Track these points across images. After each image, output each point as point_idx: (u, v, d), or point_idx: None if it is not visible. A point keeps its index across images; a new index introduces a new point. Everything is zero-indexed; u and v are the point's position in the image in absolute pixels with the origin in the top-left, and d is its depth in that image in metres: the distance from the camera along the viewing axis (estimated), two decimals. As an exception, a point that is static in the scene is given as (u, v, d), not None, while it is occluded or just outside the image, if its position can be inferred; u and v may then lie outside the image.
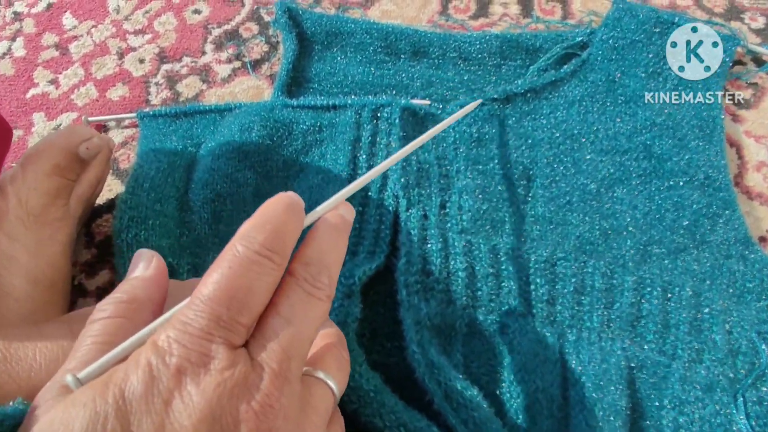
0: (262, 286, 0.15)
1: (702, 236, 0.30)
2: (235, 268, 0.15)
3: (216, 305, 0.15)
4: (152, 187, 0.32)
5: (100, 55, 0.42)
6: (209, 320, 0.14)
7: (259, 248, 0.15)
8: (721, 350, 0.26)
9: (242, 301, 0.15)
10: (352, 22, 0.39)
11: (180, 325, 0.14)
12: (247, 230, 0.16)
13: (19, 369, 0.18)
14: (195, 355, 0.14)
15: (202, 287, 0.15)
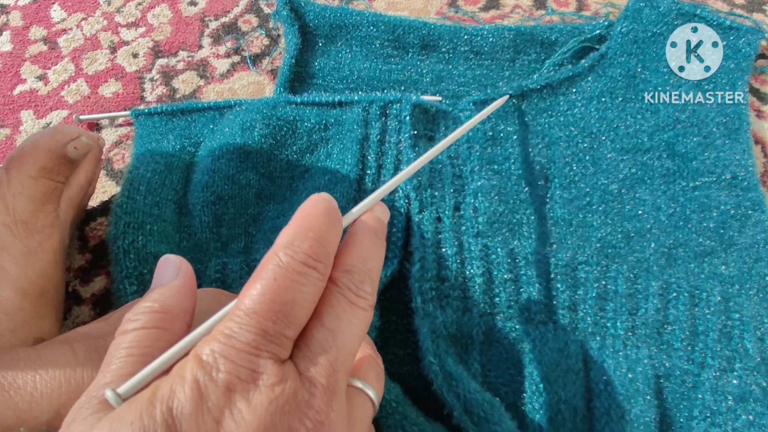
0: (308, 298, 0.15)
1: (730, 238, 0.28)
2: (280, 280, 0.14)
3: (262, 319, 0.14)
4: (149, 190, 0.30)
5: (91, 50, 0.40)
6: (256, 334, 0.14)
7: (305, 258, 0.15)
8: (753, 358, 0.25)
9: (288, 315, 0.14)
10: (358, 14, 0.37)
11: (225, 339, 0.14)
12: (290, 239, 0.15)
13: (18, 399, 0.17)
14: (244, 372, 0.14)
15: (245, 299, 0.14)
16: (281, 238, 0.15)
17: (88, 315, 0.30)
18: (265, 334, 0.14)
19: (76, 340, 0.19)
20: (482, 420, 0.23)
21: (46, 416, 0.17)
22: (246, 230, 0.31)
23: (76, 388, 0.17)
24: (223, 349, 0.14)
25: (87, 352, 0.18)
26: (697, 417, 0.24)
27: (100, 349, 0.19)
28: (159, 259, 0.28)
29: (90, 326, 0.21)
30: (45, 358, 0.18)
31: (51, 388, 0.17)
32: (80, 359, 0.18)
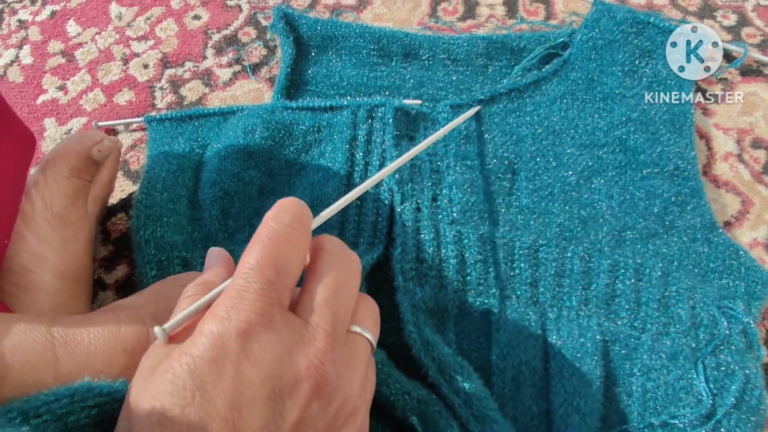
0: (298, 253, 0.18)
1: (671, 222, 0.33)
2: (274, 239, 0.17)
3: (265, 270, 0.17)
4: (165, 187, 0.34)
5: (106, 61, 0.44)
6: (261, 283, 0.16)
7: (290, 222, 0.18)
8: (685, 323, 0.29)
9: (285, 266, 0.17)
10: (346, 26, 0.41)
11: (235, 293, 0.16)
12: (275, 213, 0.19)
13: (78, 351, 0.21)
14: (254, 317, 0.16)
15: (247, 258, 0.17)
16: (268, 214, 0.19)
17: (112, 299, 0.34)
18: (269, 283, 0.16)
19: (117, 308, 0.23)
20: (453, 378, 0.27)
21: (99, 365, 0.21)
22: (250, 222, 0.35)
23: (122, 344, 0.22)
24: (234, 301, 0.16)
25: (127, 318, 0.22)
26: (636, 374, 0.28)
27: (137, 316, 0.23)
28: (174, 247, 0.32)
29: (127, 299, 0.25)
30: (96, 321, 0.22)
31: (102, 343, 0.21)
32: (122, 322, 0.22)
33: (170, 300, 0.24)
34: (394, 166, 0.26)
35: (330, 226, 0.33)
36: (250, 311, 0.16)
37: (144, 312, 0.23)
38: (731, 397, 0.26)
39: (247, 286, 0.17)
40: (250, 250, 0.18)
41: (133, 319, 0.22)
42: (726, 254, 0.31)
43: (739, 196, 0.36)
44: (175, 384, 0.15)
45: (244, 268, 0.17)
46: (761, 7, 0.43)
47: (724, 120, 0.38)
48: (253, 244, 0.18)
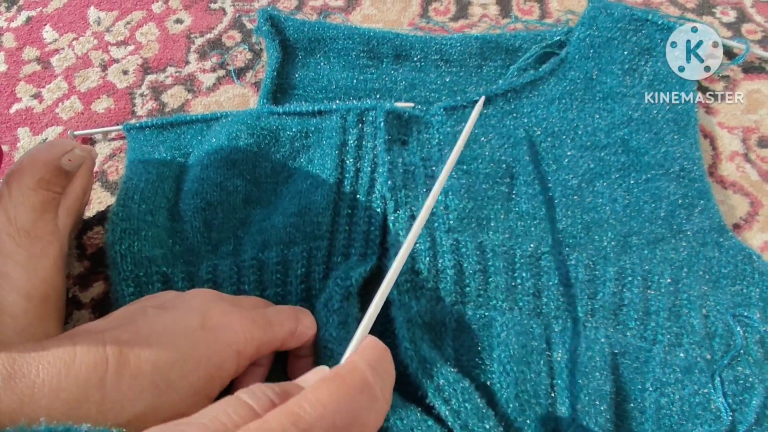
0: (377, 424, 0.16)
1: (679, 226, 0.31)
2: (366, 393, 0.16)
3: (335, 424, 0.15)
4: (143, 198, 0.32)
5: (83, 68, 0.42)
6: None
7: (385, 385, 0.17)
8: (699, 333, 0.27)
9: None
10: (334, 27, 0.40)
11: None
12: (373, 358, 0.18)
13: (22, 385, 0.18)
14: None
15: (320, 392, 0.15)
16: (361, 351, 0.18)
17: (88, 318, 0.32)
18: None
19: (77, 335, 0.21)
20: (453, 398, 0.25)
21: (45, 400, 0.19)
22: (234, 233, 0.33)
23: (74, 375, 0.19)
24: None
25: (86, 344, 0.20)
26: (649, 389, 0.27)
27: (97, 341, 0.21)
28: (153, 262, 0.30)
29: (91, 323, 0.23)
30: (47, 350, 0.20)
31: (51, 375, 0.19)
32: (79, 350, 0.20)
33: (138, 324, 0.22)
34: (438, 186, 0.25)
35: (320, 236, 0.31)
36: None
37: (107, 337, 0.21)
38: (752, 413, 0.24)
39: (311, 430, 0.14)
40: (331, 384, 0.15)
41: (93, 344, 0.20)
42: (738, 259, 0.30)
43: (748, 197, 0.34)
44: None
45: (316, 403, 0.15)
46: (761, 3, 0.42)
47: (728, 118, 0.37)
48: (335, 383, 0.15)
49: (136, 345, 0.21)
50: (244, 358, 0.24)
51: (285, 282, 0.30)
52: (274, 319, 0.25)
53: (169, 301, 0.25)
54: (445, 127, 0.34)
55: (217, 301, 0.25)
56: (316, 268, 0.31)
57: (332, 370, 0.17)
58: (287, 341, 0.26)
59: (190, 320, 0.23)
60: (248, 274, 0.31)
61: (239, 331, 0.24)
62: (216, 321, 0.24)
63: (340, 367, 0.17)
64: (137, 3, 0.45)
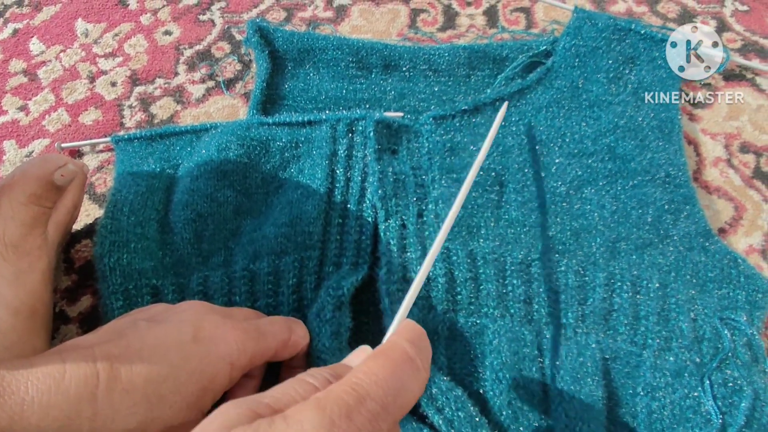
0: (418, 394, 0.18)
1: (665, 231, 0.31)
2: (411, 366, 0.18)
3: (388, 391, 0.17)
4: (132, 210, 0.32)
5: (71, 80, 0.42)
6: (379, 404, 0.16)
7: (425, 358, 0.19)
8: (688, 337, 0.28)
9: (405, 401, 0.17)
10: (323, 38, 0.40)
11: (353, 398, 0.16)
12: (414, 336, 0.19)
13: (11, 402, 0.18)
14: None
15: (373, 365, 0.17)
16: (401, 331, 0.19)
17: (76, 333, 0.32)
18: (384, 409, 0.16)
19: (65, 350, 0.21)
20: (446, 407, 0.25)
21: (36, 417, 0.18)
22: (225, 244, 0.33)
23: (65, 391, 0.19)
24: (348, 409, 0.16)
25: (75, 359, 0.20)
26: (640, 393, 0.27)
27: (87, 356, 0.20)
28: (143, 274, 0.30)
29: (80, 338, 0.23)
30: (36, 366, 0.19)
31: (41, 391, 0.19)
32: (68, 366, 0.20)
33: (128, 338, 0.22)
34: (450, 217, 0.25)
35: (311, 246, 0.31)
36: (363, 429, 0.15)
37: (97, 352, 0.21)
38: (741, 415, 0.25)
39: (365, 399, 0.16)
40: (379, 359, 0.18)
41: (82, 360, 0.20)
42: (724, 263, 0.30)
43: (732, 201, 0.35)
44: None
45: (368, 376, 0.17)
46: (739, 13, 0.43)
47: (711, 125, 0.38)
48: (382, 357, 0.18)
49: (127, 359, 0.21)
50: (236, 370, 0.24)
51: (277, 292, 0.30)
52: (267, 329, 0.25)
53: (160, 313, 0.25)
54: (435, 136, 0.35)
55: (208, 313, 0.25)
56: (307, 278, 0.30)
57: (377, 348, 0.19)
58: (280, 352, 0.26)
59: (181, 333, 0.23)
60: (239, 285, 0.31)
61: (232, 343, 0.23)
62: (208, 333, 0.23)
63: (384, 345, 0.19)
64: (125, 15, 0.45)
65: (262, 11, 0.45)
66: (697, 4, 0.43)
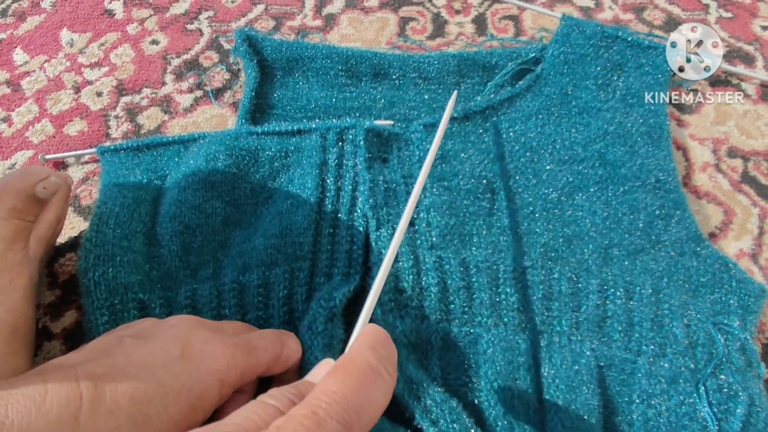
0: (384, 403, 0.18)
1: (657, 236, 0.31)
2: (369, 376, 0.18)
3: (348, 407, 0.17)
4: (118, 223, 0.31)
5: (55, 90, 0.41)
6: (340, 420, 0.16)
7: (388, 365, 0.19)
8: (682, 343, 0.28)
9: (369, 414, 0.17)
10: (312, 47, 0.40)
11: (313, 422, 0.16)
12: (372, 344, 0.19)
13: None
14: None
15: (330, 382, 0.17)
16: (362, 339, 0.19)
17: (59, 350, 0.31)
18: (347, 425, 0.16)
19: (47, 370, 0.20)
20: (441, 419, 0.25)
21: None
22: (214, 256, 0.32)
23: (45, 415, 0.18)
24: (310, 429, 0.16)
25: (57, 380, 0.19)
26: (636, 401, 0.27)
27: (69, 377, 0.20)
28: (129, 289, 0.29)
29: (63, 357, 0.22)
30: (17, 387, 0.19)
31: (21, 415, 0.18)
32: (50, 387, 0.19)
33: (113, 356, 0.21)
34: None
35: (302, 257, 0.31)
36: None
37: (80, 371, 0.20)
38: (738, 421, 0.25)
39: (325, 421, 0.16)
40: (338, 374, 0.17)
41: (65, 380, 0.19)
42: (715, 267, 0.30)
43: (721, 206, 0.35)
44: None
45: (328, 395, 0.17)
46: (724, 20, 0.43)
47: (699, 130, 0.38)
48: (342, 372, 0.17)
49: (112, 378, 0.20)
50: (227, 386, 0.23)
51: (267, 305, 0.30)
52: (258, 344, 0.25)
53: (147, 329, 0.24)
54: (425, 144, 0.35)
55: (197, 328, 0.24)
56: (298, 289, 0.30)
57: (337, 361, 0.18)
58: (272, 367, 0.25)
59: (169, 349, 0.22)
60: (229, 297, 0.30)
61: (221, 359, 0.23)
62: (197, 349, 0.23)
63: (344, 357, 0.18)
64: (112, 24, 0.45)
65: (251, 20, 0.44)
66: (682, 11, 0.44)
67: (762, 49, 0.41)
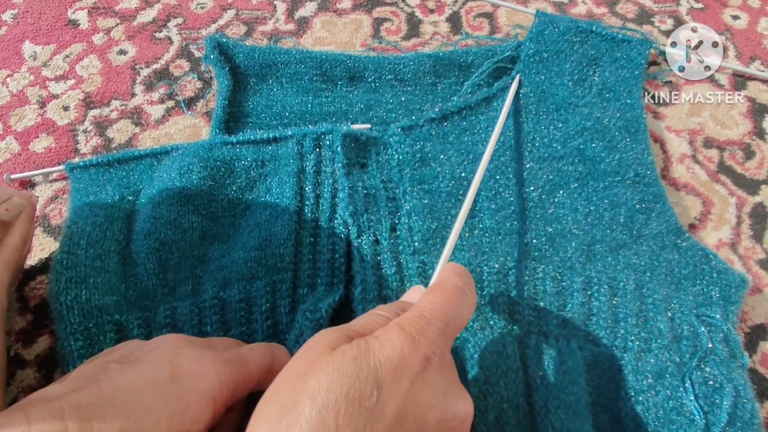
0: (468, 317, 0.23)
1: (638, 231, 0.31)
2: (459, 294, 0.22)
3: (445, 316, 0.21)
4: (90, 243, 0.30)
5: (19, 106, 0.39)
6: (442, 325, 0.20)
7: (471, 287, 0.23)
8: (666, 337, 0.28)
9: (458, 323, 0.21)
10: (285, 52, 0.39)
11: (423, 320, 0.20)
12: (460, 271, 0.23)
13: None
14: (436, 349, 0.19)
15: (431, 297, 0.21)
16: (451, 266, 0.24)
17: (33, 377, 0.30)
18: (446, 328, 0.20)
19: (30, 405, 0.19)
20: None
21: None
22: (193, 272, 0.31)
23: None
24: (422, 327, 0.19)
25: (40, 416, 0.18)
26: (624, 398, 0.27)
27: (54, 411, 0.19)
28: (104, 311, 0.28)
29: (46, 389, 0.21)
30: None
31: None
32: (35, 428, 0.18)
33: (99, 384, 0.20)
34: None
35: (283, 268, 0.30)
36: (433, 343, 0.19)
37: (65, 404, 0.19)
38: (724, 414, 0.25)
39: (432, 321, 0.20)
40: (435, 292, 0.22)
41: (49, 415, 0.18)
42: (696, 259, 0.30)
43: (699, 197, 0.35)
44: (358, 370, 0.17)
45: (431, 305, 0.21)
46: (695, 10, 0.44)
47: (675, 122, 0.38)
48: (438, 290, 0.22)
49: (99, 410, 0.19)
50: (220, 405, 0.22)
51: (250, 320, 0.29)
52: (249, 358, 0.24)
53: (132, 353, 0.23)
54: (404, 147, 0.34)
55: (186, 347, 0.23)
56: (281, 302, 0.29)
57: (432, 284, 0.23)
58: (264, 380, 0.24)
59: (157, 373, 0.21)
60: (210, 314, 0.29)
61: (213, 377, 0.22)
62: (187, 369, 0.22)
63: (438, 281, 0.23)
64: (76, 35, 0.43)
65: (221, 26, 0.43)
66: (654, 3, 0.44)
67: (733, 38, 0.42)
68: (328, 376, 0.17)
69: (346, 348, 0.18)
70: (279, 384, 0.19)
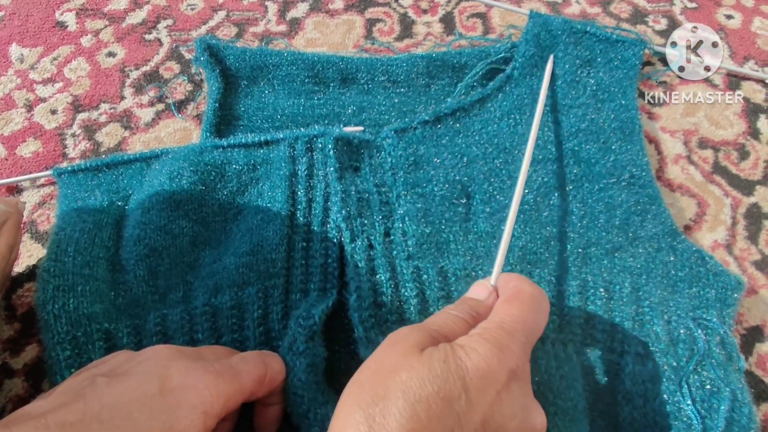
0: (543, 326, 0.23)
1: (634, 233, 0.31)
2: (537, 303, 0.23)
3: (525, 329, 0.21)
4: (78, 250, 0.30)
5: (6, 110, 0.39)
6: (524, 338, 0.21)
7: (545, 295, 0.24)
8: (663, 341, 0.27)
9: (535, 333, 0.22)
10: (277, 54, 0.38)
11: (506, 333, 0.20)
12: (530, 281, 0.24)
13: None
14: (520, 363, 0.20)
15: (511, 308, 0.22)
16: (521, 278, 0.24)
17: (22, 387, 0.29)
18: (526, 341, 0.21)
19: (14, 422, 0.18)
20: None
21: None
22: (183, 279, 0.31)
23: None
24: (507, 340, 0.20)
25: None
26: (621, 402, 0.26)
27: (39, 428, 0.18)
28: (93, 319, 0.28)
29: (31, 405, 0.20)
30: None
31: None
32: None
33: (86, 399, 0.20)
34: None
35: (275, 274, 0.29)
36: (517, 356, 0.20)
37: (50, 421, 0.18)
38: (721, 418, 0.24)
39: (514, 333, 0.20)
40: (513, 303, 0.22)
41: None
42: (692, 261, 0.30)
43: (694, 198, 0.35)
44: (447, 372, 0.18)
45: (511, 317, 0.21)
46: (689, 10, 0.44)
47: (669, 123, 0.38)
48: (515, 301, 0.22)
49: (84, 427, 0.19)
50: (211, 418, 0.22)
51: (242, 327, 0.29)
52: (242, 368, 0.23)
53: (120, 365, 0.22)
54: (397, 150, 0.34)
55: (175, 359, 0.23)
56: (273, 308, 0.29)
57: (509, 294, 0.23)
58: (256, 390, 0.24)
59: (146, 386, 0.21)
60: (201, 321, 0.29)
61: (204, 390, 0.21)
62: (177, 382, 0.21)
63: (513, 291, 0.23)
64: (64, 37, 0.42)
65: (212, 28, 0.43)
66: (648, 3, 0.44)
67: (727, 38, 0.42)
68: (419, 373, 0.18)
69: (434, 350, 0.19)
70: (370, 373, 0.20)
